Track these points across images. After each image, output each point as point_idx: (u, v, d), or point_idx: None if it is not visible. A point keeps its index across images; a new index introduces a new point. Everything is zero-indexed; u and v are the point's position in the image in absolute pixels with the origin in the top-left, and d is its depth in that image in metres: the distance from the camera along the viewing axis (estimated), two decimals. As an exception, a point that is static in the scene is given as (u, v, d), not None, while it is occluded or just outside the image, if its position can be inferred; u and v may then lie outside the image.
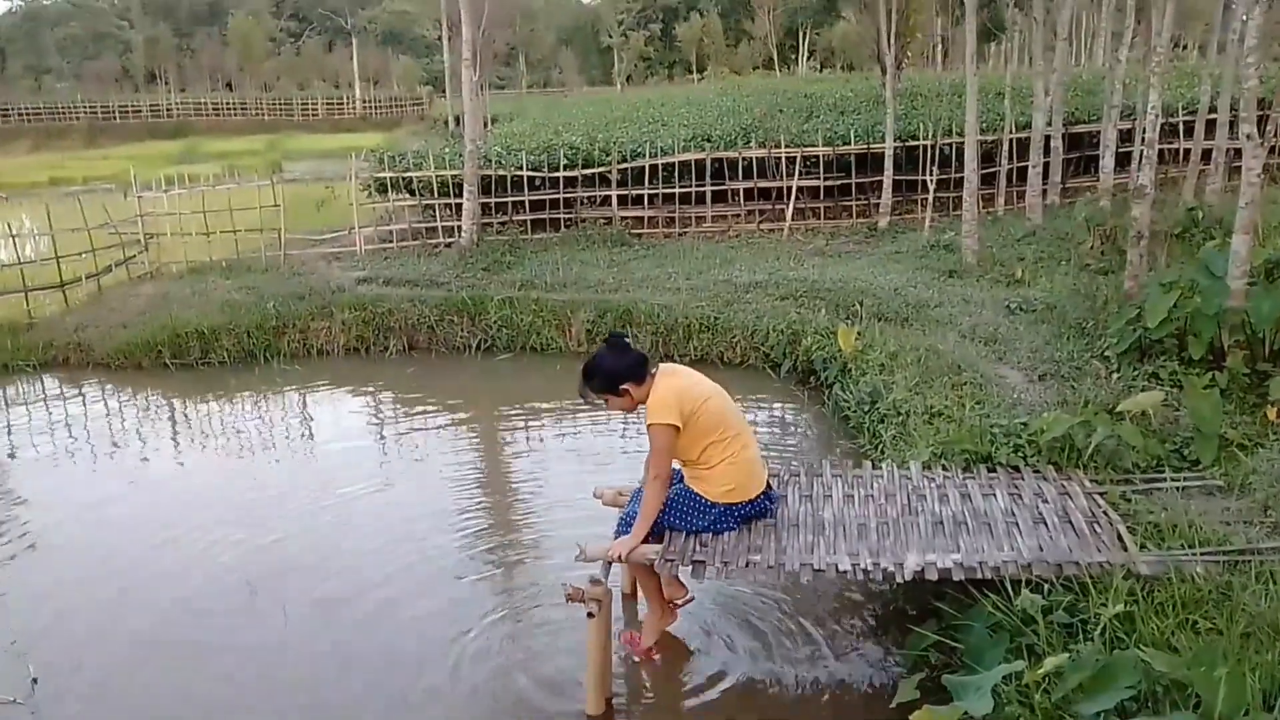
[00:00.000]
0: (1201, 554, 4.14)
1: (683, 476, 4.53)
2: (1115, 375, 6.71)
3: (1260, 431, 5.58)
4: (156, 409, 9.21)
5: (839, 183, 14.75)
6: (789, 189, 14.44)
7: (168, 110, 49.61)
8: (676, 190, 14.52)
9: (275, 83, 62.75)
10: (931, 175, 13.70)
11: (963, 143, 12.03)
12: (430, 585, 5.49)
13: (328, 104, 52.15)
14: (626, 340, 4.43)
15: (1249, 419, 5.77)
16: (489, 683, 4.55)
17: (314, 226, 14.78)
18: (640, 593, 4.78)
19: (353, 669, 4.74)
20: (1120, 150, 13.28)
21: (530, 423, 8.56)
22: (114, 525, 6.53)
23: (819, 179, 14.66)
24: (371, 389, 9.57)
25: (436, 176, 13.76)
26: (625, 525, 4.49)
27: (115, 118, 47.98)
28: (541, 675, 4.58)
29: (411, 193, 14.22)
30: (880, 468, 5.25)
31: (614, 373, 4.30)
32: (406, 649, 4.85)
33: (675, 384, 4.29)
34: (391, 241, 13.68)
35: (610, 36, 58.84)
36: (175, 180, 13.67)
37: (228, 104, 52.00)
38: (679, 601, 4.70)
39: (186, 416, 8.97)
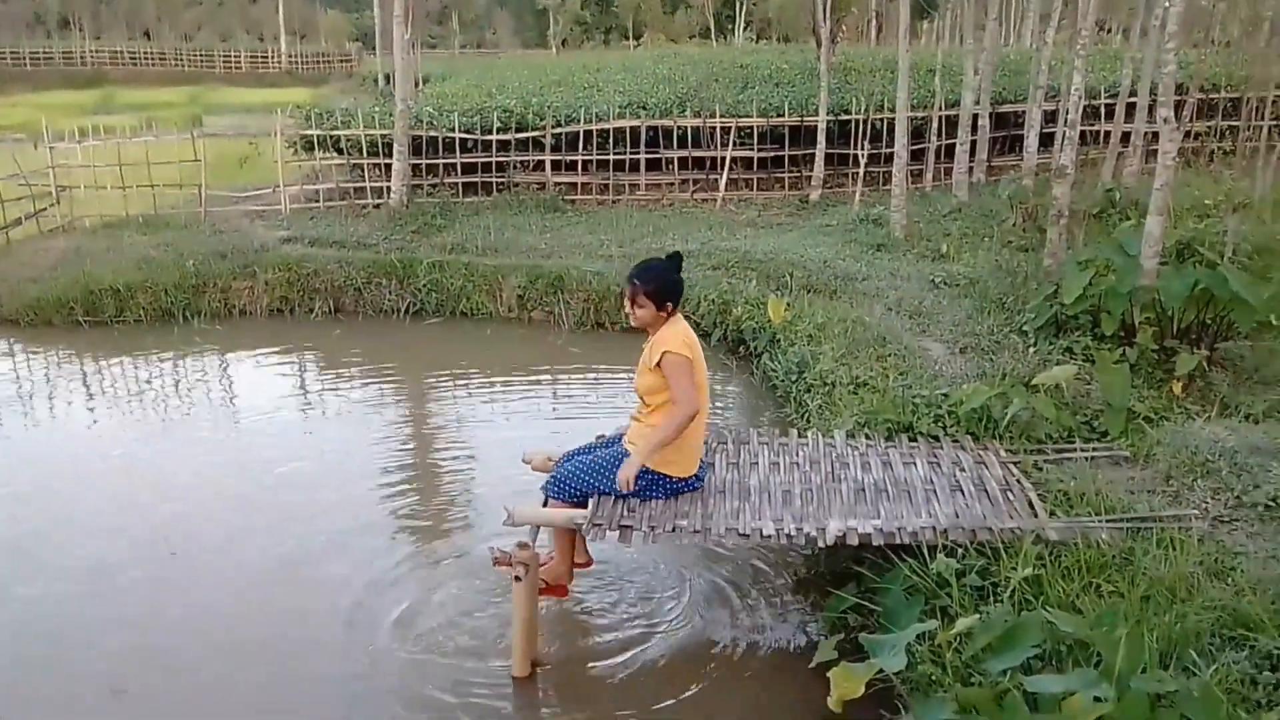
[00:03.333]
0: (1107, 521, 4.32)
1: (620, 439, 4.56)
2: (1032, 349, 6.90)
3: (1166, 405, 5.81)
4: (67, 368, 8.90)
5: (772, 154, 14.83)
6: (723, 159, 14.48)
7: (81, 58, 47.38)
8: (611, 157, 14.44)
9: (196, 33, 60.53)
10: (863, 150, 13.86)
11: (894, 118, 12.19)
12: (353, 550, 5.44)
13: (251, 57, 50.38)
14: None
15: (1156, 393, 6.00)
16: (413, 646, 4.54)
17: (237, 183, 14.36)
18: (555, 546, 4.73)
19: (271, 633, 4.70)
20: (1044, 131, 13.56)
21: (459, 388, 8.50)
22: (20, 489, 6.32)
23: (753, 150, 14.72)
24: (295, 351, 9.38)
25: (366, 135, 13.46)
26: (555, 486, 4.50)
27: (26, 64, 45.65)
28: (468, 638, 4.59)
29: (339, 151, 13.88)
30: (806, 436, 5.35)
31: (674, 290, 4.37)
32: (328, 614, 4.81)
33: (685, 328, 4.41)
34: (318, 201, 13.35)
35: (546, -1, 57.95)
36: (90, 131, 13.11)
37: (146, 53, 49.85)
38: (580, 562, 4.77)
39: (100, 376, 8.68)
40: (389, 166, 13.14)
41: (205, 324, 9.92)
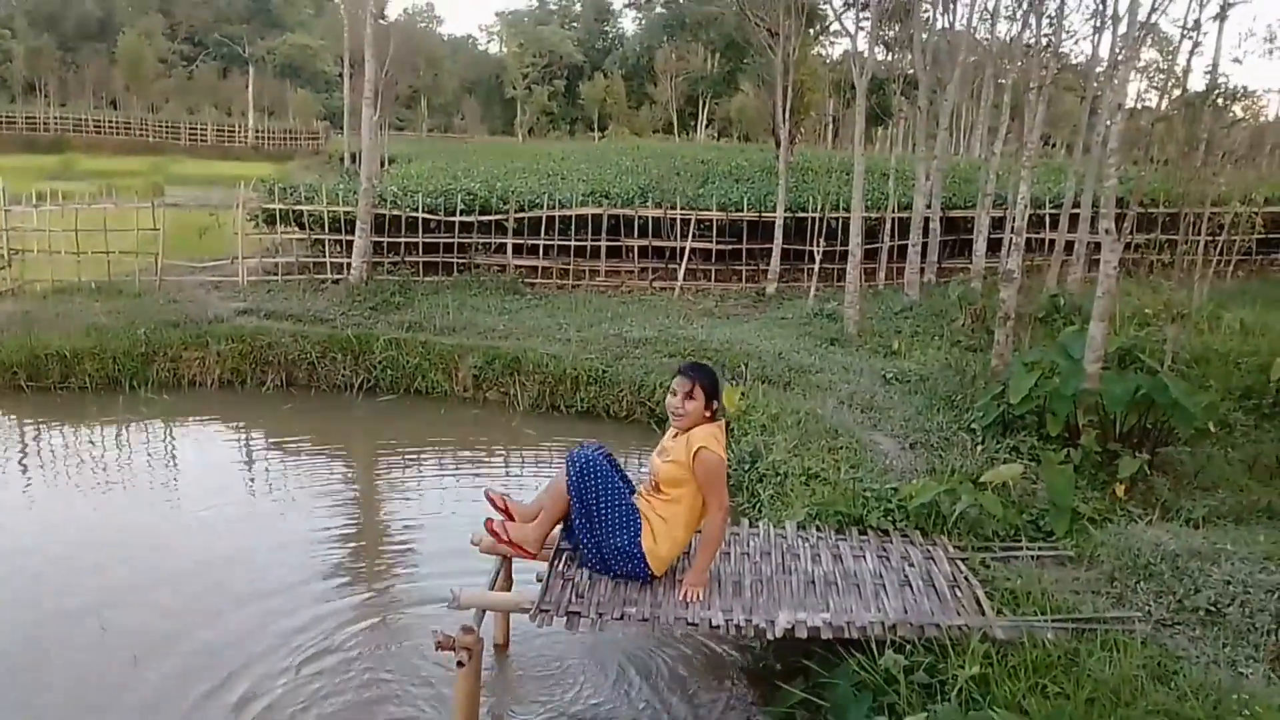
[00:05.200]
0: (1052, 621, 4.34)
1: (637, 493, 4.56)
2: (980, 447, 7.01)
3: (1109, 507, 5.91)
4: (6, 434, 8.66)
5: (730, 247, 15.13)
6: (682, 249, 14.73)
7: (45, 124, 47.25)
8: (572, 243, 14.62)
9: (163, 105, 60.57)
10: (818, 246, 14.18)
11: (849, 218, 12.54)
12: (292, 632, 5.27)
13: (218, 130, 50.62)
14: None
15: (1099, 495, 6.11)
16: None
17: (195, 254, 14.25)
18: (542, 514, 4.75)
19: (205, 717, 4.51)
20: (992, 236, 14.01)
21: (409, 466, 8.39)
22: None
23: (711, 242, 15.00)
24: (244, 424, 9.22)
25: (329, 211, 13.51)
26: (578, 468, 4.50)
27: (-13, 127, 45.41)
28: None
29: (301, 226, 13.89)
30: (757, 526, 5.35)
31: (719, 391, 4.55)
32: (262, 697, 4.64)
33: (723, 429, 4.56)
34: (277, 274, 13.30)
35: (514, 88, 59.15)
36: (48, 195, 13.00)
37: (110, 122, 49.87)
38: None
39: (39, 443, 8.46)
40: (350, 243, 13.17)
41: (152, 393, 9.73)
